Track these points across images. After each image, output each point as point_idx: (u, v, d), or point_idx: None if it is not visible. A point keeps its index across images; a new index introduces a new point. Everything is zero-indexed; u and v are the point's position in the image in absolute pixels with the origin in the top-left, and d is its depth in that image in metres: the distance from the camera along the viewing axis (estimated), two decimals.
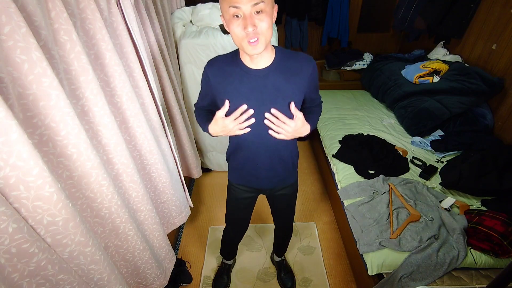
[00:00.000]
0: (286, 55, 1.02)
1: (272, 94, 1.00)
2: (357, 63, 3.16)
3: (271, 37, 0.91)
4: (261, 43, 0.88)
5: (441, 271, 1.37)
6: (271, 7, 0.86)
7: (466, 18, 2.38)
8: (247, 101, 1.00)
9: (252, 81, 1.00)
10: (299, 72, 1.01)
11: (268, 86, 0.99)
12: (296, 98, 1.03)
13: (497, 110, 2.14)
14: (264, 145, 1.11)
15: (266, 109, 1.01)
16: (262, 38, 0.87)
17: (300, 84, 1.02)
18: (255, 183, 1.26)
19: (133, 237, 1.12)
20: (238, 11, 0.82)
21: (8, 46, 0.62)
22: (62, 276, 0.76)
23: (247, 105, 1.01)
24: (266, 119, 1.02)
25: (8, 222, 0.60)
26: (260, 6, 0.82)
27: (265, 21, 0.85)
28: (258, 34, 0.86)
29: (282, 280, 1.77)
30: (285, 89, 1.00)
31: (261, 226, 2.13)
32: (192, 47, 1.92)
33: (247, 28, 0.83)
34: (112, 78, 1.04)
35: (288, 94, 1.01)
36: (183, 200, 1.67)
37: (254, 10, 0.82)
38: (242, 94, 1.00)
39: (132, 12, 1.16)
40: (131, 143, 1.22)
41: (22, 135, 0.61)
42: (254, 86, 1.00)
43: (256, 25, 0.84)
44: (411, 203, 1.64)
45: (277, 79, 0.99)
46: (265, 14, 0.84)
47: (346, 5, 2.97)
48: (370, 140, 2.21)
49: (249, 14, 0.83)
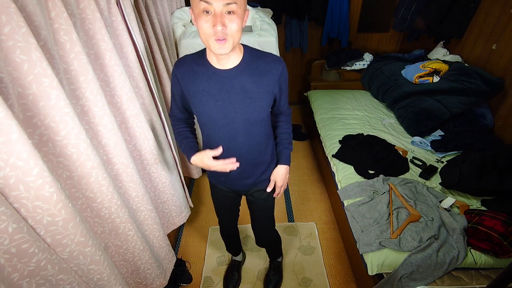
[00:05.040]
0: (255, 55, 0.99)
1: (240, 95, 0.98)
2: (357, 63, 3.16)
3: (240, 40, 0.90)
4: (228, 43, 0.86)
5: (441, 271, 1.37)
6: (243, 10, 0.85)
7: (466, 18, 2.38)
8: (215, 101, 0.99)
9: (220, 81, 0.98)
10: (267, 72, 0.99)
11: (235, 87, 0.97)
12: (265, 99, 1.01)
13: (497, 110, 2.14)
14: (233, 146, 1.08)
15: (234, 109, 1.00)
16: (230, 40, 0.85)
17: (269, 85, 1.00)
18: (229, 184, 1.25)
19: (133, 237, 1.12)
20: (209, 7, 0.80)
21: (8, 46, 0.62)
22: (62, 276, 0.76)
23: (216, 106, 1.00)
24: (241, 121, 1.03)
25: (8, 222, 0.60)
26: (232, 7, 0.80)
27: (235, 22, 0.83)
28: (226, 35, 0.84)
29: (267, 279, 1.77)
30: (252, 90, 0.98)
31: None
32: (192, 47, 1.92)
33: (216, 27, 0.81)
34: (112, 78, 1.04)
35: (256, 95, 0.99)
36: (183, 200, 1.67)
37: (226, 10, 0.80)
38: (211, 94, 0.99)
39: (132, 12, 1.16)
40: (131, 143, 1.22)
41: (22, 135, 0.61)
42: (222, 86, 0.98)
43: (225, 25, 0.82)
44: (411, 203, 1.64)
45: (245, 80, 0.97)
46: (236, 16, 0.82)
47: (346, 5, 2.97)
48: (370, 140, 2.21)
49: (220, 12, 0.80)
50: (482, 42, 2.28)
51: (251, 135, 1.07)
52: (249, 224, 1.55)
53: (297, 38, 3.23)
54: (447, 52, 2.63)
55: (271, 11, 2.54)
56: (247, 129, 1.05)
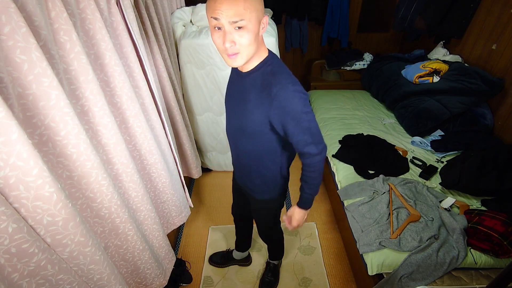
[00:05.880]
0: (268, 70, 0.92)
1: (241, 99, 0.99)
2: (357, 63, 3.16)
3: (255, 51, 0.87)
4: (241, 57, 0.85)
5: (441, 271, 1.37)
6: (254, 23, 0.81)
7: (466, 18, 2.38)
8: (229, 99, 1.09)
9: (236, 81, 1.03)
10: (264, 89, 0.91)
11: (241, 91, 0.99)
12: (254, 114, 0.95)
13: (497, 110, 2.14)
14: (233, 144, 1.16)
15: (234, 111, 1.05)
16: (243, 53, 0.85)
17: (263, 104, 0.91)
18: (236, 177, 1.34)
19: (133, 237, 1.12)
20: (218, 23, 0.80)
21: (8, 46, 0.62)
22: (62, 276, 0.76)
23: (229, 104, 1.09)
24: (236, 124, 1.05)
25: (8, 222, 0.60)
26: (241, 23, 0.79)
27: (245, 37, 0.81)
28: (237, 50, 0.84)
29: (262, 281, 1.77)
30: (249, 99, 0.96)
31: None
32: (192, 47, 1.92)
33: (225, 44, 0.81)
34: (112, 78, 1.04)
35: (250, 106, 0.95)
36: (183, 200, 1.67)
37: (235, 26, 0.79)
38: (229, 92, 1.09)
39: (132, 12, 1.16)
40: (131, 143, 1.22)
41: (22, 135, 0.61)
42: (236, 87, 1.03)
43: (234, 41, 0.82)
44: (411, 203, 1.64)
45: (248, 87, 0.96)
46: (246, 31, 0.80)
47: (346, 5, 2.97)
48: (370, 140, 2.21)
49: (228, 30, 0.80)
50: (482, 42, 2.28)
51: (243, 144, 1.09)
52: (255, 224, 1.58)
53: (297, 38, 3.23)
54: (447, 52, 2.63)
55: (271, 11, 2.54)
56: (240, 136, 1.08)
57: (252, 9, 0.78)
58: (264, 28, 0.87)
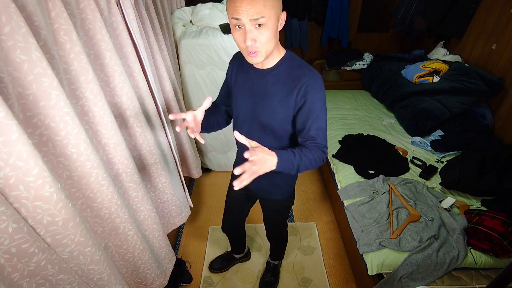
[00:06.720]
0: (291, 64, 0.97)
1: (261, 96, 1.00)
2: (357, 63, 3.16)
3: (274, 47, 0.91)
4: (260, 54, 0.88)
5: (441, 271, 1.37)
6: (273, 20, 0.84)
7: (466, 18, 2.38)
8: (243, 97, 1.06)
9: (253, 79, 1.02)
10: (292, 81, 0.94)
11: (261, 87, 1.00)
12: (279, 107, 0.97)
13: (497, 110, 2.14)
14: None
15: (253, 108, 1.03)
16: (262, 50, 0.87)
17: (289, 95, 0.94)
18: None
19: (133, 237, 1.12)
20: (239, 22, 0.83)
21: (8, 46, 0.62)
22: (62, 276, 0.75)
23: (243, 101, 1.06)
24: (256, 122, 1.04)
25: (8, 222, 0.60)
26: (261, 21, 0.81)
27: (265, 34, 0.84)
28: (257, 48, 0.86)
29: (262, 281, 1.77)
30: (272, 93, 0.98)
31: (261, 226, 2.13)
32: (192, 47, 1.92)
33: (246, 42, 0.84)
34: (112, 78, 1.04)
35: (273, 100, 0.98)
36: (183, 200, 1.67)
37: (255, 24, 0.82)
38: (244, 89, 1.05)
39: (132, 12, 1.15)
40: (131, 143, 1.22)
41: (22, 135, 0.61)
42: (253, 84, 1.02)
43: (255, 39, 0.84)
44: (411, 203, 1.64)
45: (270, 82, 0.98)
46: (266, 28, 0.83)
47: (346, 5, 2.97)
48: (370, 140, 2.21)
49: (249, 28, 0.83)
50: (482, 42, 2.28)
51: (267, 141, 1.03)
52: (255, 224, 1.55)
53: (297, 38, 3.23)
54: (447, 52, 2.63)
55: None
56: (260, 133, 1.06)
57: (271, 6, 0.81)
58: (282, 24, 0.90)
